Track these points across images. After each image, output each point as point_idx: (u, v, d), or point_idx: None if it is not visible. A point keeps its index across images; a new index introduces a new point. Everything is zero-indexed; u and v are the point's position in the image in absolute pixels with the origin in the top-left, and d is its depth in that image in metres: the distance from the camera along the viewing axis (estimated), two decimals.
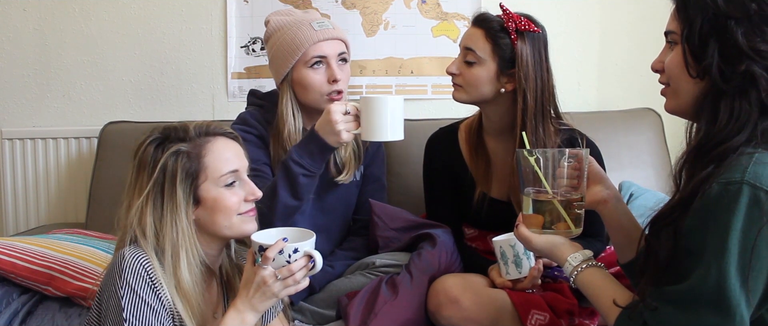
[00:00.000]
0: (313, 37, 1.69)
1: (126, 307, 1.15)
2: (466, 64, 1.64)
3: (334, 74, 1.70)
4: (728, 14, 1.02)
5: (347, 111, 1.48)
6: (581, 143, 1.70)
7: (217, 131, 1.30)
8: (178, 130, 1.26)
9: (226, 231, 1.27)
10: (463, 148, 1.78)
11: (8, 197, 2.42)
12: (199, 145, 1.25)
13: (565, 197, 1.21)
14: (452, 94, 1.69)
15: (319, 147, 1.51)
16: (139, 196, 1.21)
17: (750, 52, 1.01)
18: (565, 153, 1.22)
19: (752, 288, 0.97)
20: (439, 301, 1.55)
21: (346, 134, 1.47)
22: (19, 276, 1.65)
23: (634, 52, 2.52)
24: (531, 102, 1.59)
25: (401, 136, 1.48)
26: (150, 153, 1.23)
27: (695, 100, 1.07)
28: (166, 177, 1.21)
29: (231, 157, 1.28)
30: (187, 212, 1.23)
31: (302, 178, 1.54)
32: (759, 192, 0.95)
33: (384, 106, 1.44)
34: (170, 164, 1.21)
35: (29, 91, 2.44)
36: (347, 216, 1.92)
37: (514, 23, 1.58)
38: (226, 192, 1.26)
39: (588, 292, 1.19)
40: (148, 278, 1.18)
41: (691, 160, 1.06)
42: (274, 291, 1.22)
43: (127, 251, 1.19)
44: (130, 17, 2.42)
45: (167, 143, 1.24)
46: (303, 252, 1.24)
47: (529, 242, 1.25)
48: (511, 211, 1.71)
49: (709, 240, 0.98)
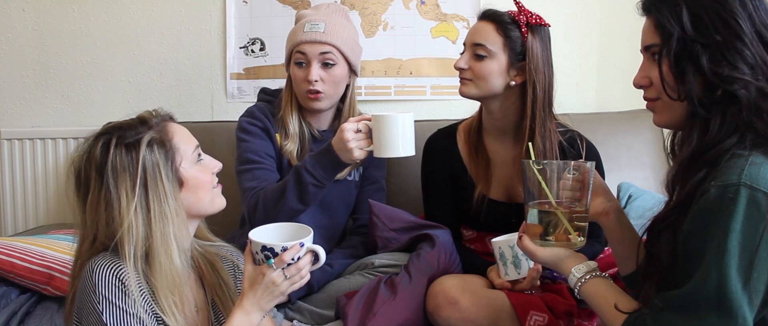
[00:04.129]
0: (299, 37, 1.80)
1: (109, 322, 1.13)
2: (475, 59, 1.65)
3: (309, 74, 1.78)
4: (695, 38, 1.03)
5: (359, 129, 1.52)
6: (581, 145, 1.70)
7: (167, 115, 1.30)
8: (129, 125, 1.24)
9: (208, 206, 1.28)
10: (461, 149, 1.79)
11: (7, 197, 2.42)
12: (162, 129, 1.25)
13: (569, 208, 1.21)
14: (460, 90, 1.70)
15: (333, 162, 1.57)
16: (123, 203, 1.16)
17: (713, 78, 1.01)
18: (569, 164, 1.22)
19: (755, 290, 0.97)
20: (437, 302, 1.55)
21: (359, 152, 1.52)
22: (18, 276, 1.65)
23: (633, 54, 2.47)
24: (539, 94, 1.62)
25: (412, 151, 1.52)
26: (123, 155, 1.18)
27: (686, 115, 1.08)
28: (147, 172, 1.18)
29: (187, 134, 1.29)
30: (175, 196, 1.21)
31: (312, 188, 1.60)
32: (757, 193, 0.96)
33: (395, 123, 1.48)
34: (148, 156, 1.19)
35: (28, 92, 2.44)
36: (346, 216, 1.95)
37: (525, 17, 1.62)
38: (200, 168, 1.28)
39: (592, 302, 1.19)
40: (121, 285, 1.14)
41: (683, 168, 1.06)
42: (282, 290, 1.23)
43: (94, 263, 1.15)
44: (129, 18, 2.42)
45: (129, 140, 1.19)
46: (307, 248, 1.25)
47: (533, 254, 1.25)
48: (510, 212, 1.71)
49: (709, 243, 0.98)
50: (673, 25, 1.04)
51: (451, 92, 2.46)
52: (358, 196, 1.94)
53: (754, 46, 1.02)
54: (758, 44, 1.02)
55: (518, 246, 1.28)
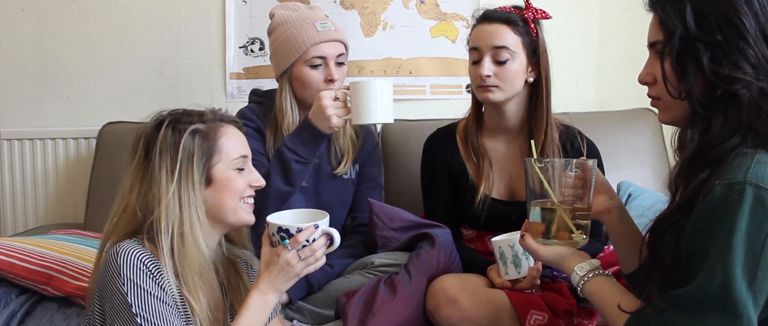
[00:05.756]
0: (315, 37, 1.75)
1: (133, 303, 1.16)
2: (498, 64, 1.64)
3: (331, 74, 1.76)
4: (697, 37, 1.02)
5: (337, 97, 1.52)
6: (581, 142, 1.71)
7: (228, 118, 1.36)
8: (190, 114, 1.31)
9: (231, 214, 1.30)
10: (461, 148, 1.79)
11: (7, 198, 2.42)
12: (214, 127, 1.30)
13: (571, 206, 1.21)
14: (486, 97, 1.66)
15: (312, 134, 1.56)
16: (164, 181, 1.22)
17: (714, 78, 1.01)
18: (572, 162, 1.22)
19: (760, 289, 0.96)
20: (437, 301, 1.55)
21: (337, 119, 1.52)
22: (17, 277, 1.64)
23: (633, 52, 2.50)
24: (549, 88, 1.68)
25: (391, 118, 1.52)
26: (169, 135, 1.25)
27: (689, 113, 1.07)
28: (184, 158, 1.24)
29: (241, 143, 1.33)
30: (200, 191, 1.25)
31: (295, 165, 1.59)
32: (762, 192, 0.95)
33: (372, 89, 1.48)
34: (188, 144, 1.25)
35: (28, 92, 2.44)
36: (343, 215, 1.94)
37: (532, 13, 1.65)
38: (236, 174, 1.30)
39: (595, 301, 1.18)
40: (146, 270, 1.19)
41: (687, 167, 1.05)
42: (297, 271, 1.26)
43: (120, 248, 1.20)
44: (128, 17, 2.42)
45: (181, 124, 1.27)
46: (322, 230, 1.28)
47: (536, 253, 1.25)
48: (511, 211, 1.71)
49: (714, 241, 0.97)
50: (676, 23, 1.04)
51: (450, 91, 2.46)
52: (355, 194, 1.94)
53: (758, 45, 1.01)
54: (762, 44, 1.01)
55: (521, 244, 1.28)
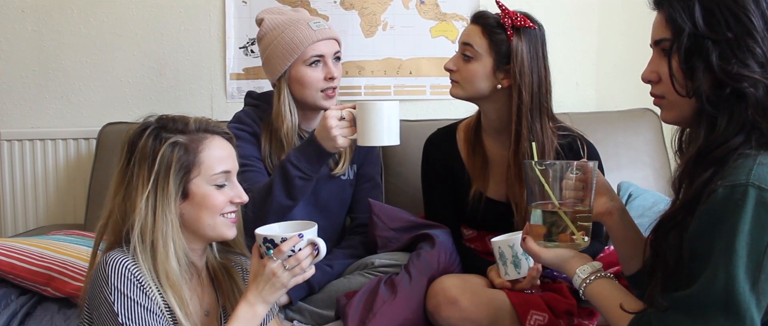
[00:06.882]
0: (311, 36, 1.75)
1: (120, 312, 1.16)
2: (463, 60, 1.65)
3: (330, 72, 1.77)
4: (706, 35, 1.01)
5: (343, 116, 1.50)
6: (582, 149, 1.69)
7: (216, 130, 1.31)
8: (177, 122, 1.28)
9: (209, 230, 1.28)
10: (461, 148, 1.79)
11: (7, 198, 2.42)
12: (197, 139, 1.26)
13: (572, 209, 1.20)
14: (450, 91, 1.71)
15: (317, 152, 1.55)
16: (139, 189, 1.21)
17: (722, 76, 1.00)
18: (572, 165, 1.21)
19: (763, 291, 0.96)
20: (437, 302, 1.55)
21: (342, 140, 1.50)
22: (18, 277, 1.64)
23: (632, 52, 2.51)
24: (526, 97, 1.60)
25: (397, 140, 1.49)
26: (149, 144, 1.23)
27: (694, 112, 1.06)
28: (161, 168, 1.22)
29: (225, 157, 1.29)
30: (175, 204, 1.23)
31: (298, 181, 1.57)
32: (765, 194, 0.95)
33: (379, 111, 1.46)
34: (167, 155, 1.22)
35: (28, 93, 2.44)
36: (342, 215, 1.94)
37: (510, 19, 1.60)
38: (215, 191, 1.27)
39: (597, 303, 1.18)
40: (135, 280, 1.18)
41: (690, 166, 1.05)
42: (283, 281, 1.25)
43: (109, 257, 1.19)
44: (128, 18, 2.42)
45: (164, 133, 1.25)
46: (307, 240, 1.26)
47: (537, 255, 1.24)
48: (509, 212, 1.71)
49: (716, 243, 0.97)
50: (685, 21, 1.03)
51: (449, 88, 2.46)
52: (354, 195, 1.93)
53: (766, 43, 1.00)
54: None
55: (522, 247, 1.27)
